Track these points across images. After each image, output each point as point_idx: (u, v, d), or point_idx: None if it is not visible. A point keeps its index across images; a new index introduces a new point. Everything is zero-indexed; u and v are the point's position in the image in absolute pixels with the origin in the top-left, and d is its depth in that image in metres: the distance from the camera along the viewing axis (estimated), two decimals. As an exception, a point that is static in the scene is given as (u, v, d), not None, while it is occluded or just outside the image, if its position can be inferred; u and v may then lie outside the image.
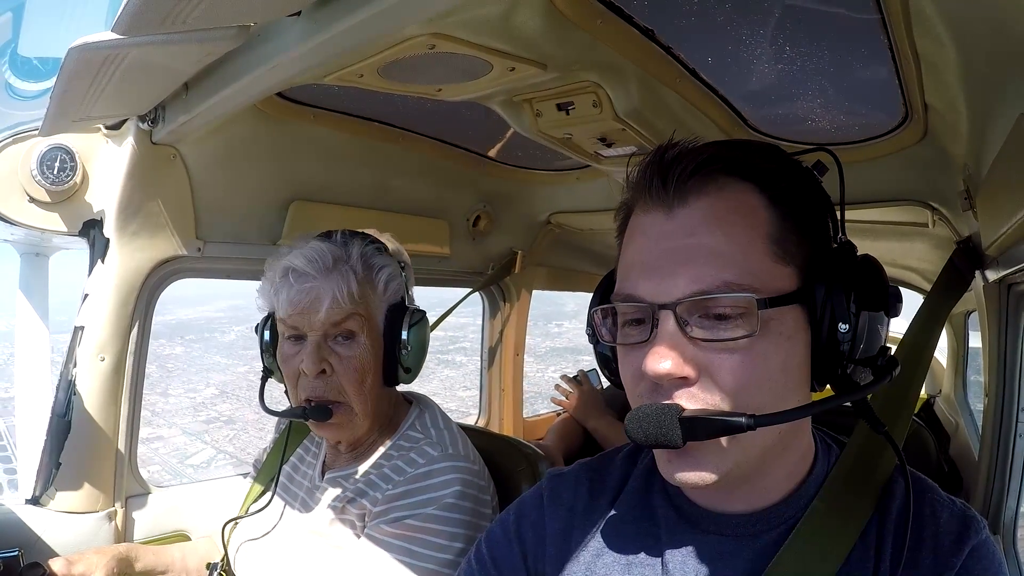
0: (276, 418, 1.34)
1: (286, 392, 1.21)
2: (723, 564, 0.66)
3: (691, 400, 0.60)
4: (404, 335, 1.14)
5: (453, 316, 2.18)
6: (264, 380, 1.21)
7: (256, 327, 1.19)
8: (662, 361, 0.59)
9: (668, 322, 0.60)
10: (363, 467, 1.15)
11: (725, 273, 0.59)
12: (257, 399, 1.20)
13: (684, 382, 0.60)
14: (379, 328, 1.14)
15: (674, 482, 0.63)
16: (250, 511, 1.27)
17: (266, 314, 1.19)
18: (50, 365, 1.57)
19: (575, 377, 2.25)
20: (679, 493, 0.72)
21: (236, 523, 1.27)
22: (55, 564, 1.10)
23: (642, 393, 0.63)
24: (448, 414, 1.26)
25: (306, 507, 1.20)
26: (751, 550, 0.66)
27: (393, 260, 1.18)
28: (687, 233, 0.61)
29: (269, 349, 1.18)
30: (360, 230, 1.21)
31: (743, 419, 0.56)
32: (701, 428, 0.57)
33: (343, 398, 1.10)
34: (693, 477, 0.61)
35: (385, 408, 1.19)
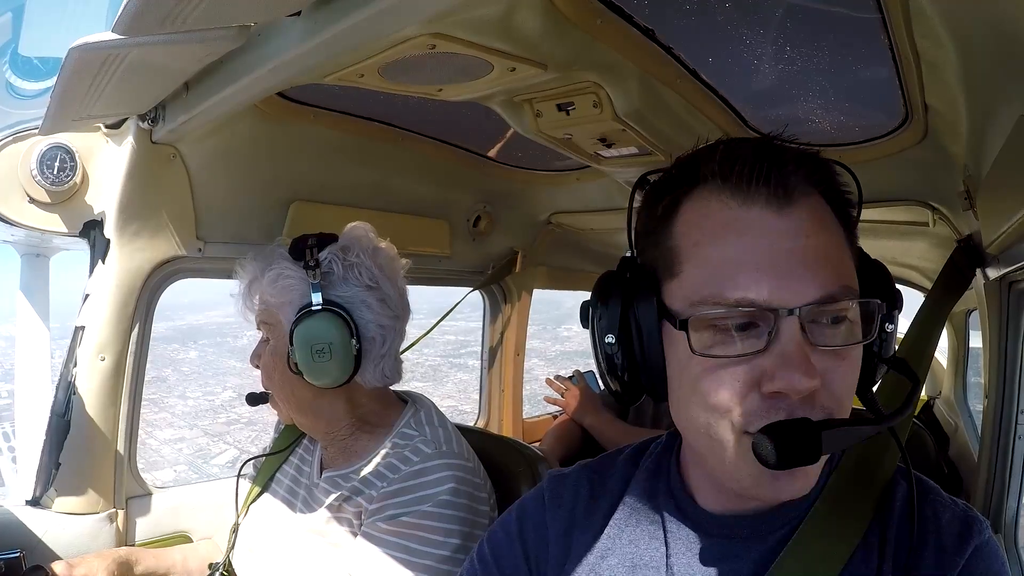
0: (278, 418, 1.36)
1: None
2: (728, 566, 0.66)
3: (814, 412, 0.56)
4: (286, 337, 1.12)
5: (463, 321, 2.18)
6: None
7: None
8: (803, 375, 0.54)
9: (794, 329, 0.55)
10: (358, 466, 1.16)
11: (842, 277, 0.57)
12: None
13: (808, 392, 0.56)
14: (284, 330, 1.14)
15: (771, 500, 0.60)
16: (250, 511, 1.28)
17: None
18: (50, 366, 1.57)
19: (571, 377, 2.25)
20: (685, 496, 0.71)
21: (237, 523, 1.28)
22: (57, 567, 1.11)
23: (751, 411, 0.56)
24: (463, 415, 1.26)
25: (305, 506, 1.20)
26: (757, 551, 0.65)
27: (289, 262, 1.14)
28: (803, 234, 0.57)
29: None
30: (316, 233, 1.20)
31: (869, 425, 0.55)
32: (840, 439, 0.54)
33: (267, 388, 1.23)
34: (799, 488, 0.58)
35: (338, 407, 1.18)
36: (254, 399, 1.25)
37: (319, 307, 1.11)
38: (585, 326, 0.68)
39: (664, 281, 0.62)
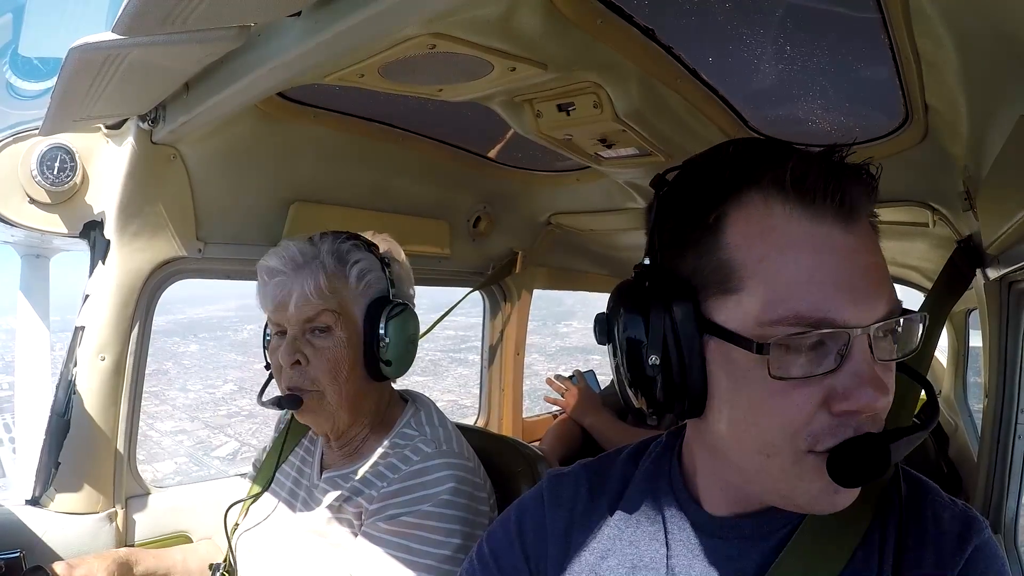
0: (278, 417, 1.35)
1: None
2: (731, 567, 0.66)
3: (875, 425, 0.56)
4: (382, 328, 1.15)
5: (463, 316, 2.19)
6: (269, 376, 1.24)
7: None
8: (879, 392, 0.54)
9: (865, 347, 0.55)
10: (359, 466, 1.16)
11: (894, 292, 0.58)
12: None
13: None
14: (357, 322, 1.15)
15: (826, 511, 0.59)
16: (251, 511, 1.28)
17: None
18: (50, 365, 1.57)
19: (571, 377, 2.25)
20: (688, 498, 0.71)
21: (237, 524, 1.28)
22: (57, 568, 1.11)
23: (820, 430, 0.55)
24: (463, 409, 1.26)
25: (306, 506, 1.20)
26: (758, 552, 0.65)
27: (370, 255, 1.18)
28: (866, 251, 0.57)
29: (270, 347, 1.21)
30: (351, 231, 1.22)
31: (919, 431, 0.56)
32: (901, 449, 0.54)
33: (317, 387, 1.13)
34: (851, 497, 0.59)
35: (373, 403, 1.20)
36: (294, 401, 1.14)
37: (405, 302, 1.20)
38: (602, 341, 0.65)
39: (712, 296, 0.58)
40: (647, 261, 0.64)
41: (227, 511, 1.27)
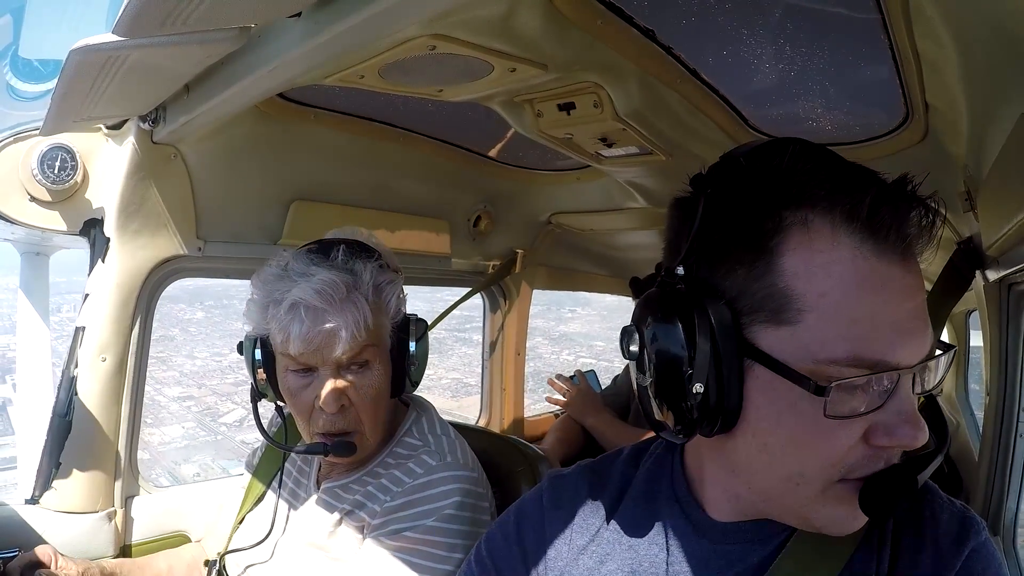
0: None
1: (278, 409, 1.21)
2: (730, 571, 0.66)
3: (898, 454, 0.57)
4: (412, 349, 1.12)
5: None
6: (255, 403, 1.16)
7: (239, 346, 1.13)
8: (921, 430, 0.54)
9: (908, 386, 0.55)
10: (360, 477, 1.13)
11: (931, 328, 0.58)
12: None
13: None
14: (387, 348, 1.11)
15: (842, 533, 0.59)
16: (248, 520, 1.25)
17: (253, 335, 1.10)
18: (51, 365, 1.57)
19: (572, 377, 2.25)
20: (691, 501, 0.71)
21: (237, 525, 1.26)
22: (40, 552, 1.10)
23: (855, 462, 0.56)
24: (468, 388, 1.24)
25: (305, 518, 1.17)
26: (758, 555, 0.65)
27: (394, 274, 1.13)
28: (919, 290, 0.56)
29: (263, 372, 1.11)
30: (344, 236, 1.14)
31: (939, 455, 0.56)
32: (927, 475, 0.55)
33: (358, 427, 1.08)
34: (866, 518, 0.59)
35: (389, 419, 1.17)
36: (348, 448, 1.08)
37: (415, 316, 1.14)
38: (631, 356, 0.62)
39: (761, 323, 0.56)
40: (680, 270, 0.59)
41: (222, 555, 1.21)
